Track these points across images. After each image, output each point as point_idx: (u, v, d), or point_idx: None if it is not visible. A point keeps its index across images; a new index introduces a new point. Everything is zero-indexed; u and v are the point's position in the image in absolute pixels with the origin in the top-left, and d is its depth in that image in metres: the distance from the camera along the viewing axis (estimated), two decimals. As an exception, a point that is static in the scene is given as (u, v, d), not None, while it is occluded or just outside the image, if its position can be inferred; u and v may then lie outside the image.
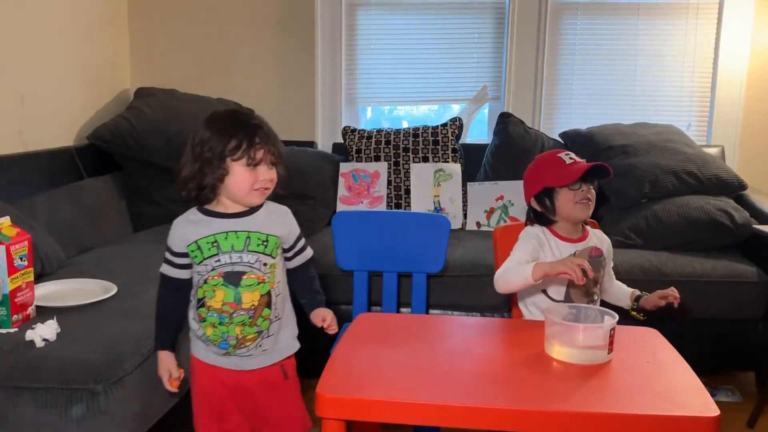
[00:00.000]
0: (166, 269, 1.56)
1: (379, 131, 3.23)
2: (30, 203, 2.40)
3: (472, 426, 1.20)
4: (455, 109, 3.61)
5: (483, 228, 3.03)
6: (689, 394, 1.25)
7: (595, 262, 1.75)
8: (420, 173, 3.10)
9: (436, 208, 3.06)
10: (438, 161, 3.12)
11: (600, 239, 1.83)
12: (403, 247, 2.14)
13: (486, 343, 1.53)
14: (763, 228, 2.51)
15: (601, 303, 1.80)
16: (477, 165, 3.21)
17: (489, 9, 3.46)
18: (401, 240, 2.14)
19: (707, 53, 3.36)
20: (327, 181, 3.11)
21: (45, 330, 1.65)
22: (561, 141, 3.20)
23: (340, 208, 3.08)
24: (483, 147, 3.27)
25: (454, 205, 3.06)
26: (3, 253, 1.71)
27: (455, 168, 3.10)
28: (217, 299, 1.49)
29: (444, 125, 3.19)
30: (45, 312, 1.82)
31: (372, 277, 2.22)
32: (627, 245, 2.65)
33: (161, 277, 1.57)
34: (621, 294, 1.86)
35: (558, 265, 1.53)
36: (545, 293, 1.76)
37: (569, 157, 1.72)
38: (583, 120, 3.31)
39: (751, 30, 3.28)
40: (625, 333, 1.51)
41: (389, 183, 3.12)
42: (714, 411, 1.17)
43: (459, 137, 3.20)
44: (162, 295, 1.59)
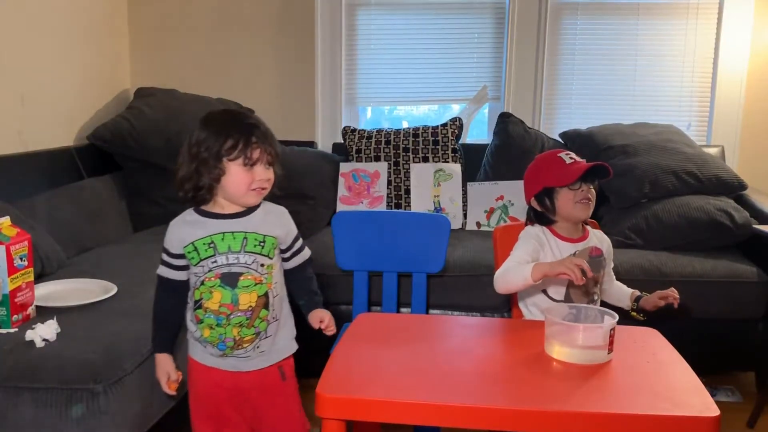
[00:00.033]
0: (163, 271, 1.55)
1: (379, 131, 3.23)
2: (30, 203, 2.40)
3: (472, 426, 1.20)
4: (455, 109, 3.61)
5: (483, 228, 3.03)
6: (689, 394, 1.25)
7: (595, 262, 1.75)
8: (420, 173, 3.10)
9: (436, 208, 3.06)
10: (438, 161, 3.12)
11: (600, 239, 1.83)
12: (403, 247, 2.14)
13: (486, 343, 1.53)
14: (763, 228, 2.51)
15: (601, 303, 1.80)
16: (477, 165, 3.21)
17: (489, 9, 3.46)
18: (401, 240, 2.14)
19: (707, 53, 3.36)
20: (327, 181, 3.11)
21: (45, 330, 1.65)
22: (561, 141, 3.20)
23: (340, 208, 3.08)
24: (483, 147, 3.27)
25: (454, 205, 3.06)
26: (3, 253, 1.71)
27: (455, 168, 3.10)
28: (214, 301, 1.48)
29: (444, 125, 3.19)
30: (45, 312, 1.81)
31: (372, 277, 2.22)
32: (627, 245, 2.66)
33: (158, 279, 1.56)
34: (621, 294, 1.86)
35: (557, 266, 1.54)
36: (545, 293, 1.76)
37: (569, 157, 1.73)
38: (583, 120, 3.31)
39: (751, 30, 3.28)
40: (625, 333, 1.51)
41: (389, 183, 3.12)
42: (714, 411, 1.17)
43: (459, 137, 3.20)
44: (159, 297, 1.58)
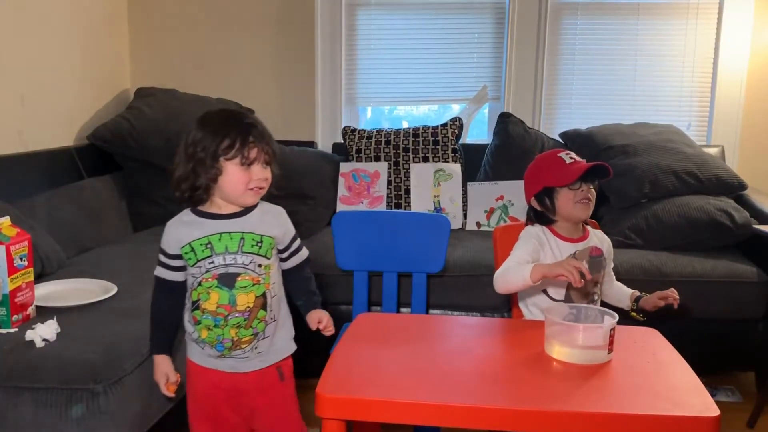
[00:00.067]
0: (160, 272, 1.54)
1: (379, 131, 3.23)
2: (30, 203, 2.40)
3: (472, 426, 1.20)
4: (455, 109, 3.61)
5: (483, 228, 3.03)
6: (689, 394, 1.25)
7: (596, 262, 1.75)
8: (420, 173, 3.10)
9: (436, 208, 3.06)
10: (438, 161, 3.12)
11: (600, 239, 1.83)
12: (403, 247, 2.14)
13: (486, 343, 1.53)
14: (763, 228, 2.51)
15: (601, 304, 1.80)
16: (477, 165, 3.21)
17: (489, 9, 3.46)
18: (401, 240, 2.14)
19: (707, 53, 3.36)
20: (327, 181, 3.11)
21: (45, 330, 1.65)
22: (561, 141, 3.20)
23: (340, 208, 3.07)
24: (483, 147, 3.27)
25: (454, 205, 3.06)
26: (3, 253, 1.70)
27: (455, 168, 3.10)
28: (212, 301, 1.47)
29: (444, 125, 3.19)
30: (45, 312, 1.81)
31: (372, 277, 2.22)
32: (627, 245, 2.65)
33: (155, 280, 1.55)
34: (621, 295, 1.86)
35: (556, 268, 1.54)
36: (546, 293, 1.76)
37: (569, 157, 1.73)
38: (583, 120, 3.30)
39: (751, 30, 3.28)
40: (625, 333, 1.51)
41: (389, 183, 3.12)
42: (714, 411, 1.17)
43: (459, 137, 3.20)
44: (157, 298, 1.57)
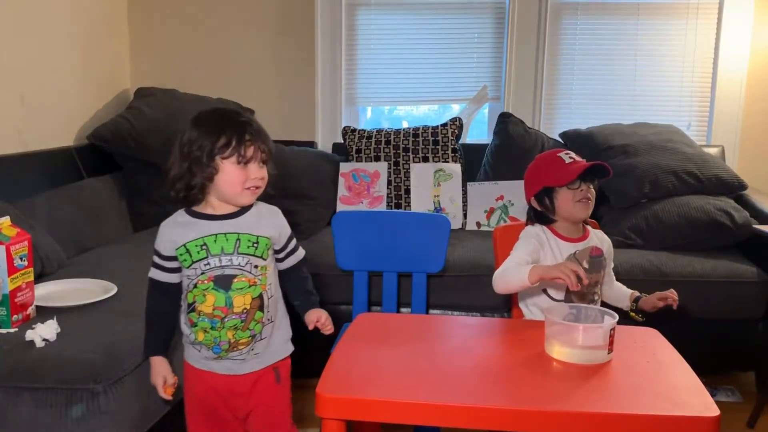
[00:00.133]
0: (154, 273, 1.53)
1: (379, 131, 3.23)
2: (30, 203, 2.40)
3: (472, 426, 1.20)
4: (455, 109, 3.61)
5: (483, 228, 3.03)
6: (689, 394, 1.25)
7: (596, 262, 1.75)
8: (420, 173, 3.10)
9: (436, 208, 3.06)
10: (438, 161, 3.12)
11: (600, 239, 1.83)
12: (403, 247, 2.14)
13: (486, 343, 1.53)
14: (763, 228, 2.51)
15: (601, 304, 1.80)
16: (477, 165, 3.21)
17: (489, 9, 3.45)
18: (401, 240, 2.14)
19: (707, 53, 3.36)
20: (327, 181, 3.11)
21: (45, 330, 1.65)
22: (561, 141, 3.20)
23: (340, 208, 3.07)
24: (483, 147, 3.27)
25: (454, 205, 3.06)
26: (3, 253, 1.71)
27: (455, 168, 3.10)
28: (208, 304, 1.46)
29: (444, 125, 3.19)
30: (45, 312, 1.81)
31: (372, 277, 2.22)
32: (627, 245, 2.65)
33: (150, 282, 1.54)
34: (620, 295, 1.86)
35: (553, 270, 1.53)
36: (546, 293, 1.76)
37: (569, 157, 1.72)
38: (583, 120, 3.30)
39: (751, 30, 3.28)
40: (625, 333, 1.51)
41: (389, 183, 3.12)
42: (714, 411, 1.17)
43: (459, 137, 3.20)
44: (152, 300, 1.55)
